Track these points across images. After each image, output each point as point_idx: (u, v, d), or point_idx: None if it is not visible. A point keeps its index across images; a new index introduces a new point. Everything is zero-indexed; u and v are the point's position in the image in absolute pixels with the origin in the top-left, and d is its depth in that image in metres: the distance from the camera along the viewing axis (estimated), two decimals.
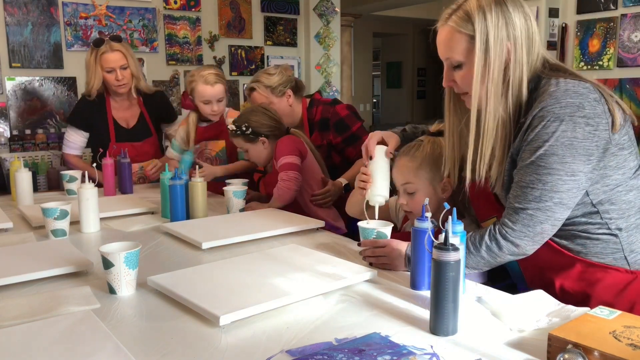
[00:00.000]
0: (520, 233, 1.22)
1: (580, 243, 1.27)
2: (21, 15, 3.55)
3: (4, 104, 3.52)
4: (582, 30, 4.04)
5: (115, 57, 2.59)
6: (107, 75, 2.61)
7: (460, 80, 1.30)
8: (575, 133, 1.16)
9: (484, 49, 1.22)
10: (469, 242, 1.27)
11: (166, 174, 2.01)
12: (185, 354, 0.97)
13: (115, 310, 1.17)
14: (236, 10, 4.46)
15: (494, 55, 1.22)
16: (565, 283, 1.28)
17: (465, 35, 1.24)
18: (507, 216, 1.24)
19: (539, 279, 1.33)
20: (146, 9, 4.01)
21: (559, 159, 1.17)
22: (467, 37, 1.24)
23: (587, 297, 1.25)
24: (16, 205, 2.19)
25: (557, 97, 1.18)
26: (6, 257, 1.47)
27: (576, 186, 1.18)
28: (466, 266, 1.26)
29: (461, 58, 1.27)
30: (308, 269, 1.33)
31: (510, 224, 1.23)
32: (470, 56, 1.25)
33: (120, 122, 2.74)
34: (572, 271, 1.28)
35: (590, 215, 1.25)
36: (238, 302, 1.12)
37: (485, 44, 1.22)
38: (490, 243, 1.25)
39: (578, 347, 0.86)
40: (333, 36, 5.00)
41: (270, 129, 2.22)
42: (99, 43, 2.60)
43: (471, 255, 1.26)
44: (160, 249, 1.64)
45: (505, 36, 1.22)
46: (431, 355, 0.94)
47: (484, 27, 1.22)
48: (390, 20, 9.49)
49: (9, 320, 1.10)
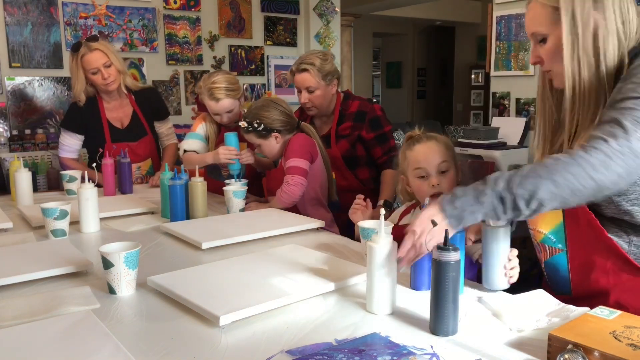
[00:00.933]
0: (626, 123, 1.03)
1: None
2: (21, 15, 3.55)
3: (3, 104, 3.52)
4: None
5: (96, 56, 2.55)
6: (92, 77, 2.58)
7: (545, 54, 1.26)
8: None
9: (571, 18, 1.19)
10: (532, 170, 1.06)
11: (166, 174, 2.01)
12: (185, 354, 0.97)
13: (115, 310, 1.17)
14: (236, 10, 4.46)
15: (582, 24, 1.18)
16: (624, 298, 1.16)
17: (549, 7, 1.22)
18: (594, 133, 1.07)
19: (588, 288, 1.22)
20: (146, 9, 4.02)
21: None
22: (551, 9, 1.22)
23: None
24: (16, 205, 2.19)
25: None
26: (6, 257, 1.47)
27: None
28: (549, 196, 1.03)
29: (545, 30, 1.24)
30: (308, 269, 1.33)
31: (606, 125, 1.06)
32: (555, 28, 1.22)
33: (114, 123, 2.72)
34: (635, 284, 1.15)
35: None
36: (238, 302, 1.12)
37: (571, 12, 1.19)
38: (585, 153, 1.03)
39: (578, 347, 0.86)
40: (333, 36, 5.01)
41: (282, 123, 2.17)
42: (77, 47, 2.57)
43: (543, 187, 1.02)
44: (160, 249, 1.64)
45: (592, 6, 1.18)
46: (431, 355, 0.94)
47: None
48: (390, 20, 9.49)
49: (8, 320, 1.10)
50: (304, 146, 2.13)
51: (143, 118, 2.77)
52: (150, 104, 2.81)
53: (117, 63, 2.62)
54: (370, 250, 1.12)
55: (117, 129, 2.72)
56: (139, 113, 2.76)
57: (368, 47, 10.35)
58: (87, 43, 2.57)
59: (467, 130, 4.04)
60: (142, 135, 2.75)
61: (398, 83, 11.32)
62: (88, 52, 2.55)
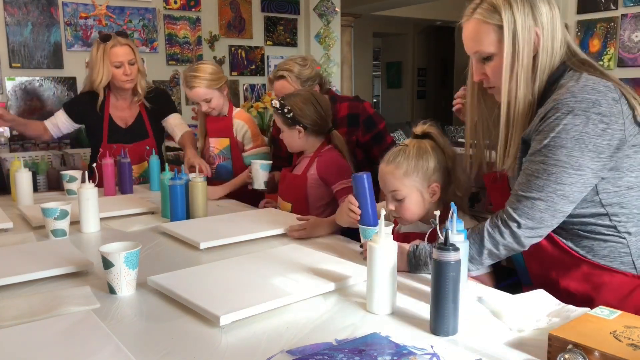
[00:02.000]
0: (520, 221, 1.21)
1: (587, 245, 1.26)
2: (21, 15, 3.55)
3: (4, 104, 3.52)
4: (583, 30, 4.05)
5: (125, 50, 2.59)
6: (114, 70, 2.59)
7: (492, 71, 1.29)
8: (586, 128, 1.15)
9: (512, 38, 1.23)
10: (472, 234, 1.26)
11: (166, 174, 2.01)
12: (186, 354, 0.97)
13: (115, 310, 1.17)
14: (236, 10, 4.46)
15: (523, 43, 1.23)
16: (571, 284, 1.27)
17: (493, 26, 1.25)
18: (509, 203, 1.24)
19: (543, 278, 1.32)
20: (146, 9, 4.01)
21: (567, 151, 1.16)
22: (495, 28, 1.25)
23: (591, 299, 1.23)
24: (16, 205, 2.19)
25: (573, 91, 1.18)
26: (6, 257, 1.47)
27: (581, 181, 1.17)
28: (470, 259, 1.25)
29: (491, 49, 1.27)
30: (308, 269, 1.33)
31: (511, 210, 1.22)
32: (500, 46, 1.25)
33: (117, 121, 2.71)
34: (578, 272, 1.27)
35: (599, 216, 1.24)
36: (238, 302, 1.12)
37: (513, 32, 1.23)
38: (492, 230, 1.24)
39: (578, 347, 0.86)
40: (333, 36, 5.00)
41: (312, 123, 2.06)
42: (107, 38, 2.59)
43: (474, 245, 1.25)
44: (160, 249, 1.64)
45: (533, 23, 1.23)
46: (431, 355, 0.94)
47: (511, 16, 1.23)
48: (390, 20, 9.49)
49: (9, 320, 1.10)
50: (347, 167, 2.06)
51: (147, 120, 2.77)
52: (157, 103, 2.79)
53: (140, 63, 2.67)
54: (370, 250, 1.12)
55: (118, 128, 2.71)
56: (144, 115, 2.76)
57: (368, 47, 10.35)
58: (117, 37, 2.60)
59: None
60: (142, 138, 2.74)
61: (398, 83, 11.32)
62: (118, 45, 2.57)
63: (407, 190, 1.48)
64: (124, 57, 2.58)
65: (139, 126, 2.75)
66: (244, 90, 4.54)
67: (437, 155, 1.49)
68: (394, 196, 1.50)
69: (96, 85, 2.61)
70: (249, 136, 2.52)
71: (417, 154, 1.48)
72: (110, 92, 2.72)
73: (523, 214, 1.21)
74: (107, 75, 2.59)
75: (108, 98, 2.70)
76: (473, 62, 1.33)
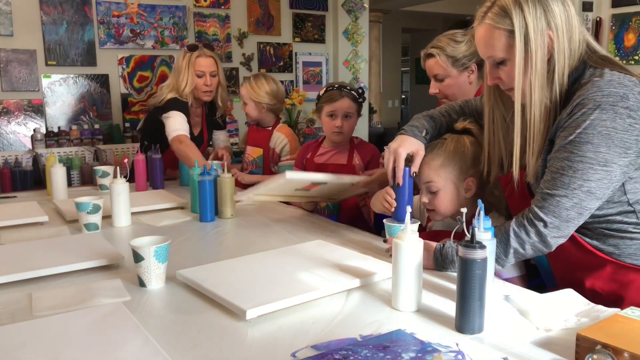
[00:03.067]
0: (546, 220, 1.18)
1: (613, 243, 1.24)
2: (57, 14, 3.64)
3: (40, 101, 3.62)
4: (617, 24, 3.94)
5: (209, 62, 2.68)
6: (197, 79, 2.67)
7: (506, 76, 1.27)
8: (614, 123, 1.12)
9: (524, 42, 1.20)
10: (498, 233, 1.24)
11: (195, 170, 2.04)
12: (212, 347, 0.99)
13: (145, 302, 1.20)
14: (265, 7, 4.48)
15: (535, 47, 1.20)
16: (596, 284, 1.25)
17: (504, 31, 1.22)
18: (535, 202, 1.22)
19: (568, 278, 1.30)
20: (177, 7, 4.07)
21: (593, 147, 1.13)
22: (506, 33, 1.22)
23: (619, 298, 1.21)
24: (51, 200, 2.25)
25: (600, 86, 1.15)
26: (41, 249, 1.52)
27: (608, 177, 1.14)
28: (496, 259, 1.23)
29: (503, 54, 1.25)
30: (334, 265, 1.34)
31: (537, 209, 1.20)
32: (512, 51, 1.22)
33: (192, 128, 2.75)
34: (603, 272, 1.24)
35: (627, 214, 1.21)
36: (264, 296, 1.13)
37: (525, 36, 1.20)
38: (518, 229, 1.22)
39: (607, 347, 0.85)
40: (361, 32, 4.99)
41: None
42: (194, 48, 2.69)
43: (500, 244, 1.24)
44: (189, 243, 1.67)
45: (546, 26, 1.20)
46: (456, 353, 0.94)
47: (522, 20, 1.20)
48: (419, 15, 9.39)
49: (44, 311, 1.14)
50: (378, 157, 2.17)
51: (206, 128, 2.87)
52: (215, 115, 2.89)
53: (221, 76, 2.76)
54: (396, 247, 1.12)
55: (192, 135, 2.72)
56: (205, 125, 2.86)
57: (397, 43, 10.26)
58: (204, 48, 2.70)
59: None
60: (200, 144, 2.81)
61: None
62: (203, 55, 2.67)
63: (442, 182, 1.47)
64: (207, 67, 2.66)
65: (202, 135, 2.85)
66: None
67: (475, 151, 1.47)
68: (428, 188, 1.49)
69: (181, 90, 2.67)
70: (287, 149, 2.59)
71: (455, 147, 1.48)
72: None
73: (549, 212, 1.18)
74: (192, 83, 2.66)
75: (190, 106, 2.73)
76: (487, 66, 1.31)
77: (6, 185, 3.07)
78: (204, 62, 2.66)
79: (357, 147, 2.17)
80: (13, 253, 1.50)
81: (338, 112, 2.11)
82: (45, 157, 2.94)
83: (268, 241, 1.66)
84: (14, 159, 3.28)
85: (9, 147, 3.53)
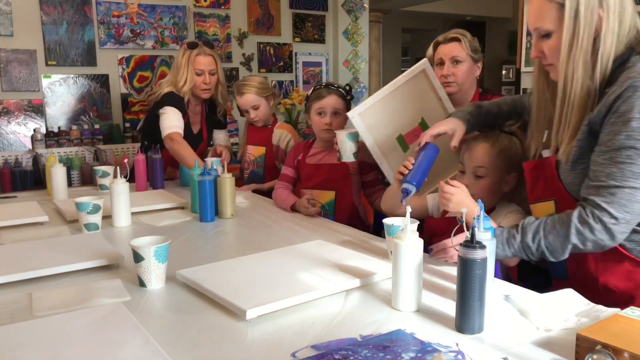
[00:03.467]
0: (618, 214, 1.12)
1: (635, 239, 1.20)
2: (57, 14, 3.64)
3: (40, 101, 3.62)
4: None
5: (208, 60, 2.67)
6: (196, 77, 2.67)
7: (548, 50, 1.25)
8: None
9: (574, 17, 1.18)
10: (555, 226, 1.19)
11: (195, 170, 2.04)
12: (212, 346, 0.99)
13: (145, 302, 1.20)
14: (265, 7, 4.48)
15: (584, 23, 1.17)
16: (610, 280, 1.22)
17: (555, 4, 1.20)
18: (597, 196, 1.14)
19: (581, 272, 1.27)
20: (177, 7, 4.07)
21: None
22: (557, 5, 1.20)
23: (631, 298, 1.18)
24: (51, 200, 2.25)
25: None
26: (41, 249, 1.52)
27: None
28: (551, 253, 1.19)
29: (550, 27, 1.22)
30: (334, 265, 1.34)
31: (605, 204, 1.13)
32: (560, 25, 1.20)
33: (191, 126, 2.78)
34: (620, 268, 1.21)
35: None
36: (264, 296, 1.13)
37: (575, 11, 1.17)
38: (581, 226, 1.15)
39: (607, 347, 0.85)
40: (361, 32, 4.98)
41: None
42: (194, 45, 2.69)
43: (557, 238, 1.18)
44: (189, 243, 1.67)
45: (597, 4, 1.17)
46: (456, 353, 0.94)
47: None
48: (419, 15, 9.39)
49: (44, 311, 1.14)
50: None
51: (205, 126, 2.86)
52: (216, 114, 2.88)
53: (220, 75, 2.75)
54: (396, 247, 1.12)
55: (191, 132, 2.75)
56: (204, 123, 2.85)
57: (397, 43, 10.26)
58: (203, 46, 2.70)
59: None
60: (200, 142, 2.81)
61: None
62: (203, 53, 2.67)
63: (492, 171, 1.53)
64: (206, 66, 2.66)
65: (201, 132, 2.84)
66: (273, 92, 4.56)
67: (521, 152, 1.54)
68: (476, 172, 1.54)
69: (179, 87, 2.66)
70: (292, 143, 2.58)
71: (509, 143, 1.57)
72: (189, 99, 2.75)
73: (620, 207, 1.12)
74: (190, 80, 2.66)
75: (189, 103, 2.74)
76: (533, 38, 1.29)
77: (6, 185, 3.07)
78: (203, 61, 2.65)
79: None
80: (13, 253, 1.50)
81: (326, 109, 2.12)
82: (45, 157, 2.94)
83: (268, 241, 1.66)
84: (14, 159, 3.28)
85: (9, 147, 3.53)
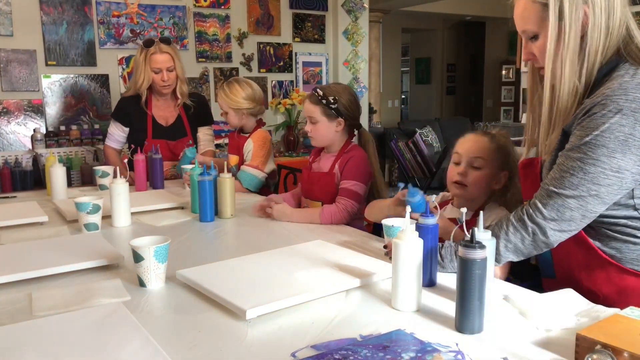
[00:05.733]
0: (548, 217, 1.17)
1: (615, 246, 1.22)
2: (57, 14, 3.64)
3: (40, 101, 3.62)
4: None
5: (164, 58, 2.68)
6: (154, 75, 2.70)
7: (538, 51, 1.25)
8: (633, 130, 1.09)
9: (558, 15, 1.17)
10: (497, 227, 1.23)
11: (195, 169, 2.04)
12: (212, 346, 0.99)
13: (145, 302, 1.20)
14: (265, 7, 4.48)
15: (570, 22, 1.16)
16: (594, 285, 1.24)
17: (538, 4, 1.20)
18: (538, 197, 1.20)
19: (567, 274, 1.29)
20: (177, 7, 4.07)
21: (608, 152, 1.11)
22: (540, 6, 1.20)
23: (615, 302, 1.19)
24: (51, 200, 2.25)
25: (626, 88, 1.12)
26: (41, 249, 1.52)
27: (618, 183, 1.12)
28: (497, 254, 1.21)
29: (535, 28, 1.22)
30: (334, 265, 1.34)
31: (540, 205, 1.18)
32: (545, 25, 1.19)
33: (159, 120, 2.82)
34: (602, 273, 1.23)
35: (632, 219, 1.19)
36: (264, 296, 1.13)
37: (559, 9, 1.17)
38: (517, 224, 1.21)
39: (607, 347, 0.85)
40: (361, 32, 4.98)
41: (352, 117, 2.02)
42: (149, 44, 2.69)
43: (501, 240, 1.22)
44: (189, 243, 1.67)
45: (582, 0, 1.16)
46: (456, 352, 0.94)
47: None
48: (419, 15, 9.39)
49: (44, 311, 1.14)
50: (367, 169, 2.01)
51: (187, 122, 2.87)
52: (196, 110, 2.89)
53: (179, 70, 2.75)
54: (396, 248, 1.12)
55: (160, 126, 2.81)
56: (184, 117, 2.86)
57: (397, 43, 10.26)
58: (160, 44, 2.69)
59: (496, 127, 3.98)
60: (182, 136, 2.84)
61: (427, 79, 11.21)
62: (158, 52, 2.67)
63: (488, 163, 1.55)
64: (163, 64, 2.68)
65: (179, 126, 2.85)
66: (272, 87, 4.57)
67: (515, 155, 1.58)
68: (472, 162, 1.55)
69: (138, 86, 2.73)
70: (250, 155, 2.50)
71: (505, 142, 1.59)
72: (152, 93, 2.82)
73: (553, 210, 1.17)
74: (148, 79, 2.70)
75: (150, 98, 2.81)
76: (523, 41, 1.29)
77: (6, 185, 3.07)
78: (159, 59, 2.67)
79: (344, 154, 2.03)
80: (13, 253, 1.50)
81: (306, 114, 2.05)
82: (45, 157, 2.94)
83: (268, 241, 1.66)
84: (14, 159, 3.28)
85: (9, 147, 3.53)
